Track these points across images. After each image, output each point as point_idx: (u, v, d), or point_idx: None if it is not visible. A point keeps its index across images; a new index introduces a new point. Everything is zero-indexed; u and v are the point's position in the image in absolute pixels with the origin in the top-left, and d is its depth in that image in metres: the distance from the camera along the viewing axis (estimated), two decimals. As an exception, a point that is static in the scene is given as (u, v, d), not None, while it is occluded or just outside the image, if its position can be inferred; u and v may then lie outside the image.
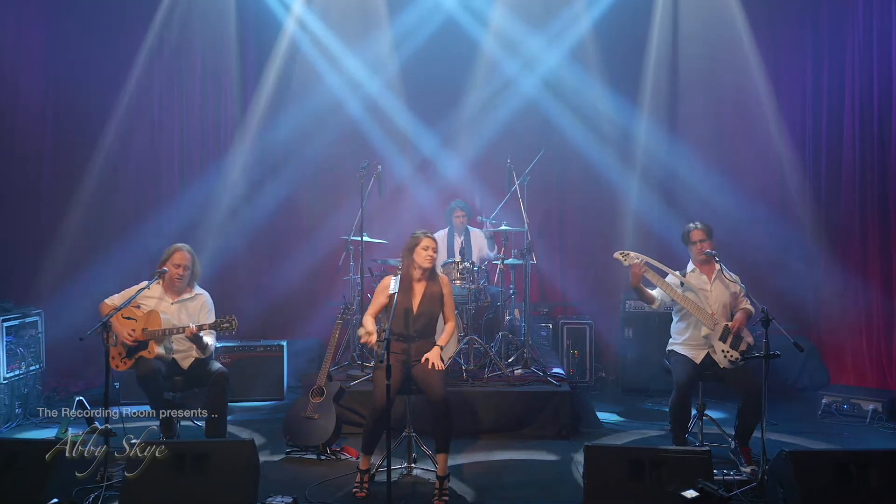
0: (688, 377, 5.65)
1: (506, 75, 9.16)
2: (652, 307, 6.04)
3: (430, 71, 9.25)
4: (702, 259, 5.90)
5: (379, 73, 9.20)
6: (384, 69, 9.19)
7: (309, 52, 9.16)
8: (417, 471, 5.61)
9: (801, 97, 8.69)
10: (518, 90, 9.14)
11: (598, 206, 9.22)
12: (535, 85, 9.12)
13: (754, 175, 8.78)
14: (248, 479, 4.67)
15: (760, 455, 5.09)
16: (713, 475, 4.62)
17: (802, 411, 7.48)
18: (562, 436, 6.52)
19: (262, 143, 9.19)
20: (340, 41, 9.14)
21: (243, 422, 7.11)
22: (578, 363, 8.42)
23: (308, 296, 9.12)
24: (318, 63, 9.17)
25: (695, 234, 5.94)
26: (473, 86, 9.20)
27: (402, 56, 9.16)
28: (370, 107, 9.22)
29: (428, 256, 5.41)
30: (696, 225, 5.98)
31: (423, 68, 9.22)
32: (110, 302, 5.80)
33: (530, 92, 9.12)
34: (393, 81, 9.22)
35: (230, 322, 5.67)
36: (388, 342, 4.99)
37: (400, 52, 9.15)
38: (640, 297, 5.97)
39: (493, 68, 9.17)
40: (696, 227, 5.95)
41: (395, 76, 9.22)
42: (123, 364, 5.76)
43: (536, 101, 9.13)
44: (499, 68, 9.16)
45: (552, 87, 9.12)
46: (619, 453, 4.88)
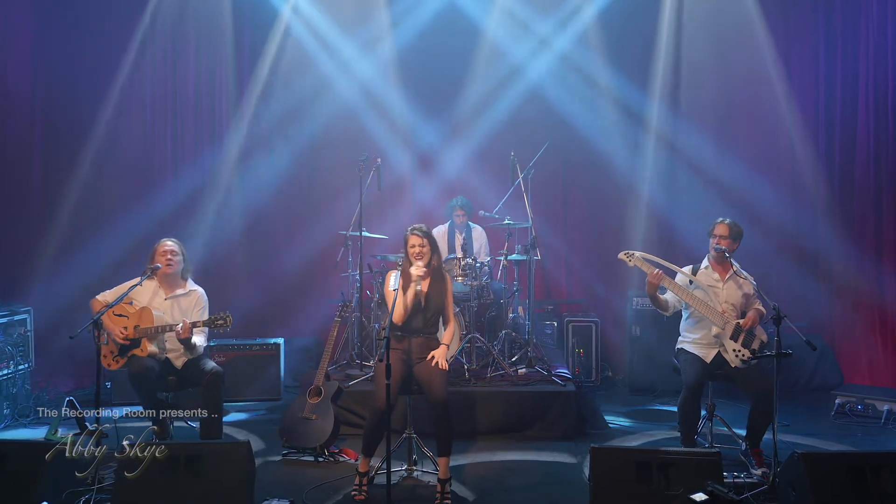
0: (697, 377, 5.64)
1: (510, 63, 9.16)
2: (665, 314, 6.04)
3: (431, 59, 9.23)
4: (715, 256, 5.88)
5: (376, 61, 9.20)
6: (381, 56, 9.19)
7: (305, 40, 9.15)
8: (418, 473, 5.61)
9: (813, 83, 8.67)
10: (522, 78, 9.14)
11: (605, 200, 9.21)
12: (541, 73, 9.12)
13: (766, 164, 8.77)
14: (244, 482, 4.67)
15: (772, 457, 5.09)
16: (723, 478, 4.62)
17: (815, 412, 7.47)
18: (567, 437, 6.51)
19: (258, 134, 9.21)
20: (337, 27, 9.14)
21: (239, 423, 7.12)
22: (584, 362, 8.41)
23: (305, 292, 9.12)
24: (314, 52, 9.17)
25: (718, 227, 5.89)
26: (475, 75, 9.19)
27: (400, 42, 9.16)
28: (369, 96, 9.22)
29: (415, 254, 5.43)
30: (723, 220, 5.93)
31: (424, 57, 9.21)
32: (102, 298, 5.82)
33: (535, 81, 9.13)
34: (391, 70, 9.21)
35: (224, 319, 5.67)
36: (387, 340, 4.98)
37: (398, 38, 9.15)
38: (654, 305, 5.97)
39: (497, 56, 9.18)
40: (722, 222, 5.90)
41: (394, 64, 9.21)
42: (115, 363, 5.77)
43: (541, 90, 9.12)
44: (503, 55, 9.16)
45: (558, 76, 9.12)
46: (626, 455, 4.87)
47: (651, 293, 5.78)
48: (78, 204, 8.59)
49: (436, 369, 5.29)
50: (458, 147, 9.22)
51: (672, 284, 5.75)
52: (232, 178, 9.14)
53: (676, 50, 8.95)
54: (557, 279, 9.48)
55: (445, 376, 5.34)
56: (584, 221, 9.38)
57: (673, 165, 9.02)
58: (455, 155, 9.22)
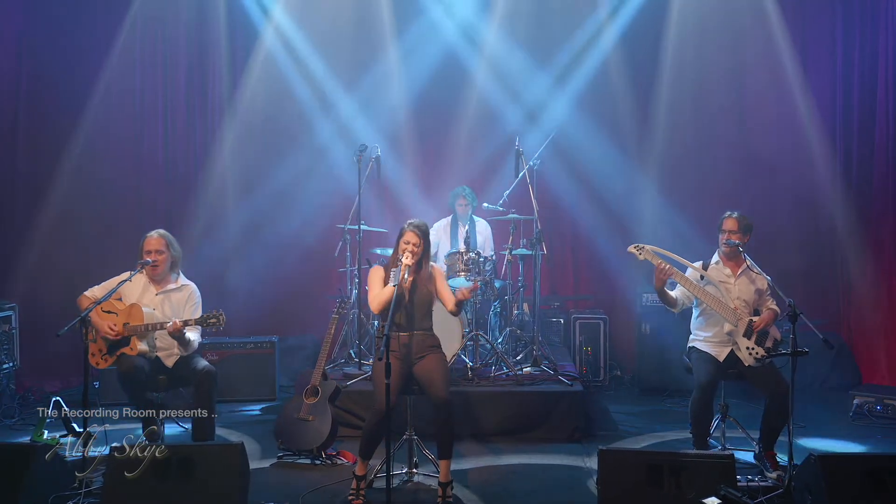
0: (710, 376, 5.63)
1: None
2: (673, 311, 6.03)
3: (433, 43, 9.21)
4: (727, 251, 5.86)
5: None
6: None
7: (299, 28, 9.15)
8: (419, 477, 5.61)
9: (830, 72, 8.65)
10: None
11: (613, 192, 9.16)
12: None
13: (780, 157, 8.74)
14: (237, 486, 4.67)
15: (787, 460, 5.08)
16: (737, 481, 4.62)
17: (832, 413, 7.45)
18: (574, 439, 6.51)
19: (253, 123, 9.16)
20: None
21: (232, 424, 7.11)
22: (592, 361, 8.39)
23: (302, 288, 9.12)
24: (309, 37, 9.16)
25: (727, 222, 5.88)
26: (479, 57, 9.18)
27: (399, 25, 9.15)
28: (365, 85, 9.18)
29: (406, 251, 5.36)
30: (731, 213, 5.91)
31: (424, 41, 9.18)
32: (90, 294, 5.82)
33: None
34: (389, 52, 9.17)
35: (217, 318, 5.65)
36: (387, 338, 4.94)
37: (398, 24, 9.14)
38: (662, 300, 5.95)
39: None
40: (731, 216, 5.89)
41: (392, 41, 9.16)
42: (104, 361, 5.78)
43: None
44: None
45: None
46: (636, 458, 4.87)
47: (659, 287, 5.76)
48: (65, 197, 8.55)
49: (436, 369, 5.27)
50: (460, 136, 9.19)
51: (683, 279, 5.73)
52: (225, 173, 9.11)
53: (687, 39, 8.84)
54: (564, 274, 9.47)
55: (446, 375, 5.32)
56: (593, 215, 9.25)
57: (683, 157, 8.98)
58: (457, 145, 9.20)
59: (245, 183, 9.20)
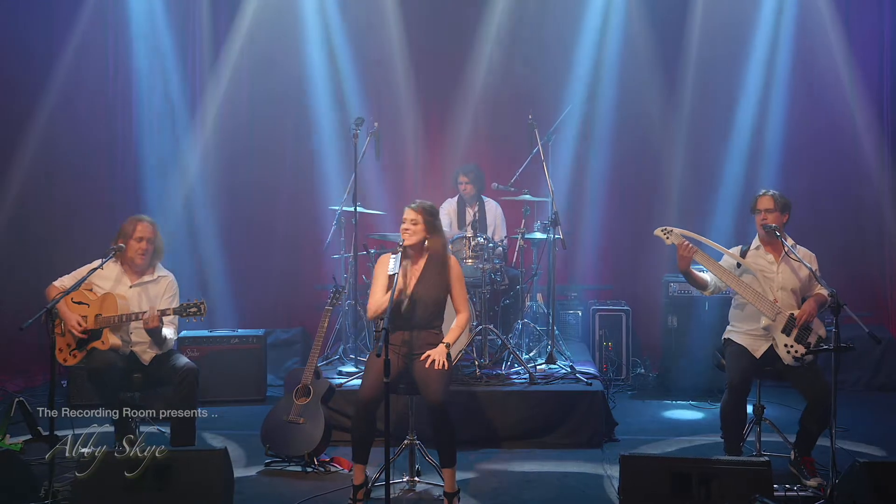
0: (742, 375, 5.59)
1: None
2: (703, 294, 5.98)
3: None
4: (765, 234, 5.81)
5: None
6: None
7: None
8: (422, 485, 5.60)
9: (876, 49, 8.67)
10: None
11: (636, 171, 9.17)
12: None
13: (824, 138, 8.75)
14: (221, 496, 4.66)
15: (830, 466, 5.05)
16: (773, 490, 4.62)
17: (879, 415, 7.46)
18: (593, 444, 6.50)
19: (238, 95, 9.14)
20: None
21: (215, 427, 7.10)
22: (613, 357, 8.42)
23: (291, 277, 9.15)
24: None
25: (761, 200, 5.79)
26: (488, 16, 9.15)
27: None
28: (361, 50, 9.16)
29: (404, 230, 5.36)
30: (765, 191, 5.84)
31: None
32: (60, 284, 5.78)
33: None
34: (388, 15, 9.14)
35: (198, 307, 5.62)
36: (385, 332, 4.91)
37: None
38: (689, 282, 5.91)
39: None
40: (765, 194, 5.80)
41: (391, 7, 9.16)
42: (72, 357, 5.73)
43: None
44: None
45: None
46: (661, 465, 4.84)
47: (683, 269, 5.71)
48: (30, 179, 8.56)
49: (431, 368, 5.24)
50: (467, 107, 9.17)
51: (715, 267, 5.65)
52: (207, 151, 9.11)
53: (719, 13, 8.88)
54: (583, 261, 9.41)
55: (444, 376, 5.26)
56: (614, 196, 9.28)
57: (713, 135, 8.97)
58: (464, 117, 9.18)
59: (227, 161, 9.18)
